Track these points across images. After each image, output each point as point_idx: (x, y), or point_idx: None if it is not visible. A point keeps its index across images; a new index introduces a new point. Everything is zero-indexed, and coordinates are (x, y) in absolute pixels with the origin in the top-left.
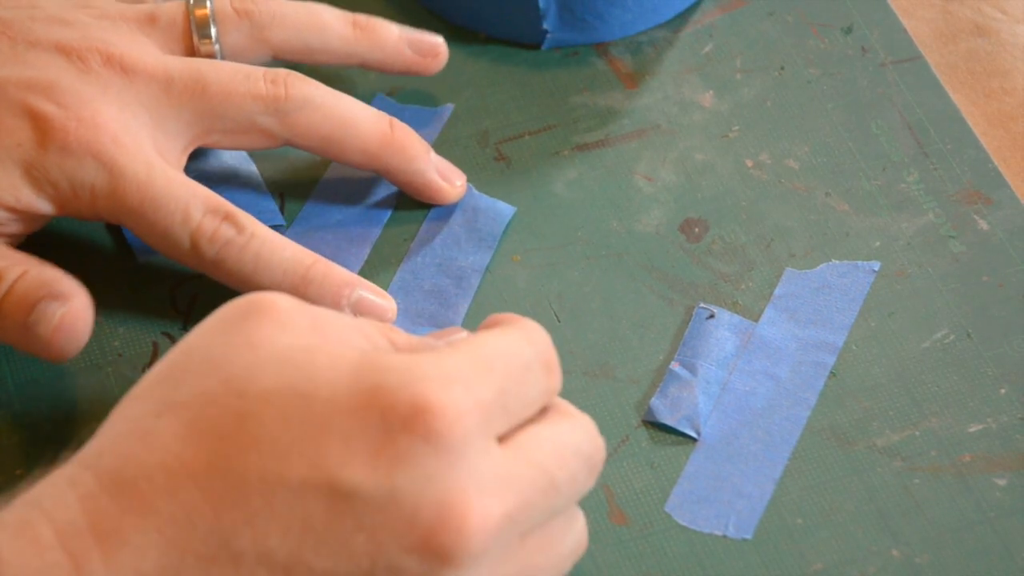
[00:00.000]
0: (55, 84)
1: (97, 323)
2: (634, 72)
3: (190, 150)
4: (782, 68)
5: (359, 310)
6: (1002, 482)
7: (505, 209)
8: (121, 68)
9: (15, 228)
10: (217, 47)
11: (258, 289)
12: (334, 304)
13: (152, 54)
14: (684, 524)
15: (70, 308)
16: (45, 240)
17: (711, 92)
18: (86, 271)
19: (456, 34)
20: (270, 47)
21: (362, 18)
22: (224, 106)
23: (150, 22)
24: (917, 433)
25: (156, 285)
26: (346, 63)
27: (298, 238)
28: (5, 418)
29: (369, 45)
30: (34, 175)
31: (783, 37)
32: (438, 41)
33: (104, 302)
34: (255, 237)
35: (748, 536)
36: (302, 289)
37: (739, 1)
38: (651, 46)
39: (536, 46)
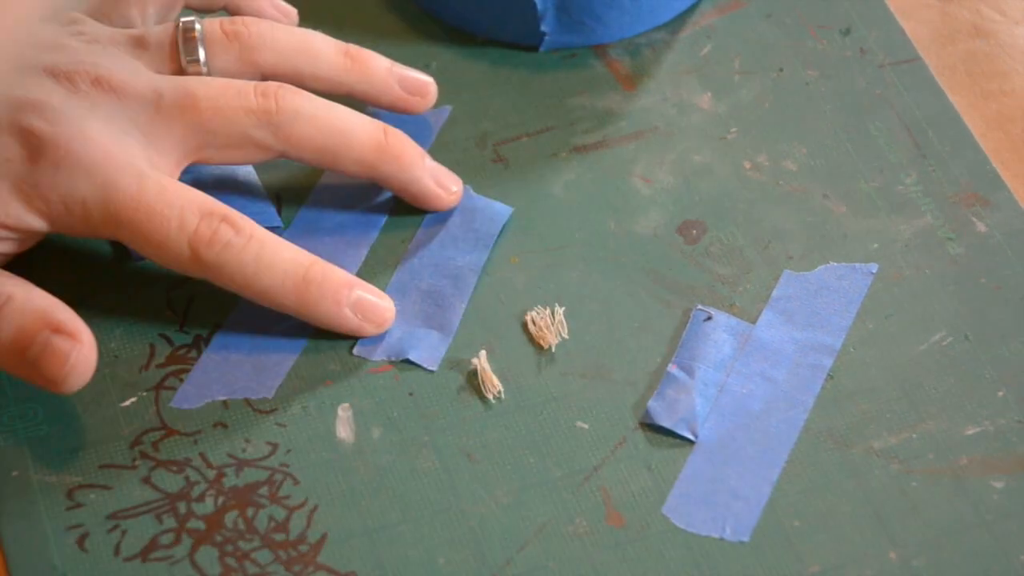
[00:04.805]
0: (44, 103)
1: (94, 325)
2: (632, 74)
3: (183, 166)
4: (780, 70)
5: (357, 311)
6: (999, 485)
7: (502, 209)
8: (110, 88)
9: (6, 247)
10: (205, 70)
11: (259, 292)
12: (334, 304)
13: (141, 74)
14: (681, 526)
15: (84, 349)
16: (42, 243)
17: (709, 94)
18: (82, 273)
19: (454, 36)
20: (259, 70)
21: (354, 48)
22: (215, 121)
23: (140, 44)
24: (914, 436)
25: (152, 287)
26: (334, 92)
27: (296, 241)
28: (1, 420)
29: (359, 76)
30: (24, 191)
31: (781, 39)
32: (427, 81)
33: (100, 304)
34: (253, 239)
35: (745, 539)
36: (302, 289)
37: (737, 3)
38: (649, 48)
39: (534, 48)
